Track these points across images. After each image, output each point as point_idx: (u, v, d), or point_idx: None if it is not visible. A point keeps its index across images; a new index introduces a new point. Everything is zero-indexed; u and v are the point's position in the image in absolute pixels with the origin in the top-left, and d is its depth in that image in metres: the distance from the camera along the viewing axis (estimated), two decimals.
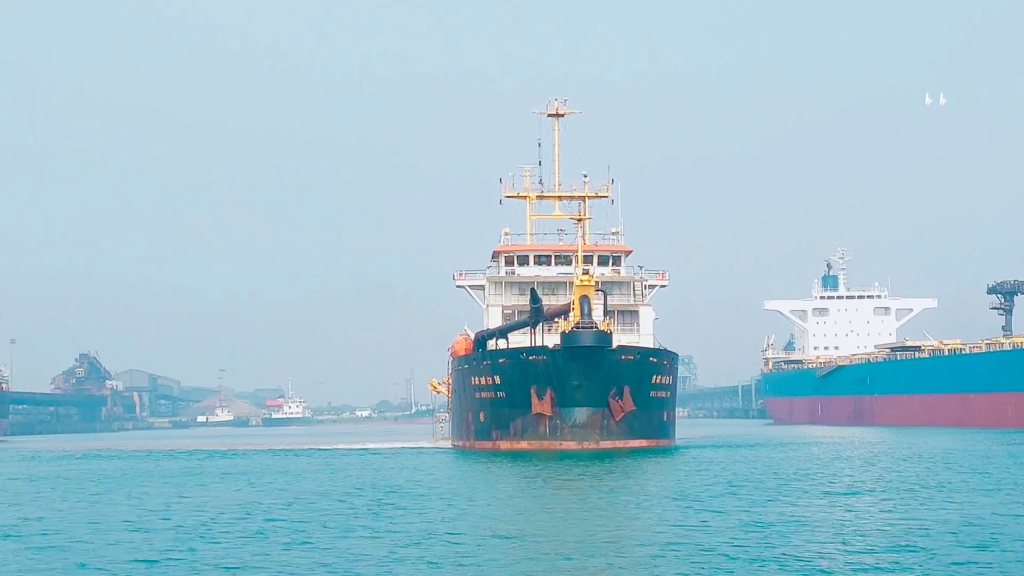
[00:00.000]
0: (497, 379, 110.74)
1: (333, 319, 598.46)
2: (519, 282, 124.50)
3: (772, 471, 78.37)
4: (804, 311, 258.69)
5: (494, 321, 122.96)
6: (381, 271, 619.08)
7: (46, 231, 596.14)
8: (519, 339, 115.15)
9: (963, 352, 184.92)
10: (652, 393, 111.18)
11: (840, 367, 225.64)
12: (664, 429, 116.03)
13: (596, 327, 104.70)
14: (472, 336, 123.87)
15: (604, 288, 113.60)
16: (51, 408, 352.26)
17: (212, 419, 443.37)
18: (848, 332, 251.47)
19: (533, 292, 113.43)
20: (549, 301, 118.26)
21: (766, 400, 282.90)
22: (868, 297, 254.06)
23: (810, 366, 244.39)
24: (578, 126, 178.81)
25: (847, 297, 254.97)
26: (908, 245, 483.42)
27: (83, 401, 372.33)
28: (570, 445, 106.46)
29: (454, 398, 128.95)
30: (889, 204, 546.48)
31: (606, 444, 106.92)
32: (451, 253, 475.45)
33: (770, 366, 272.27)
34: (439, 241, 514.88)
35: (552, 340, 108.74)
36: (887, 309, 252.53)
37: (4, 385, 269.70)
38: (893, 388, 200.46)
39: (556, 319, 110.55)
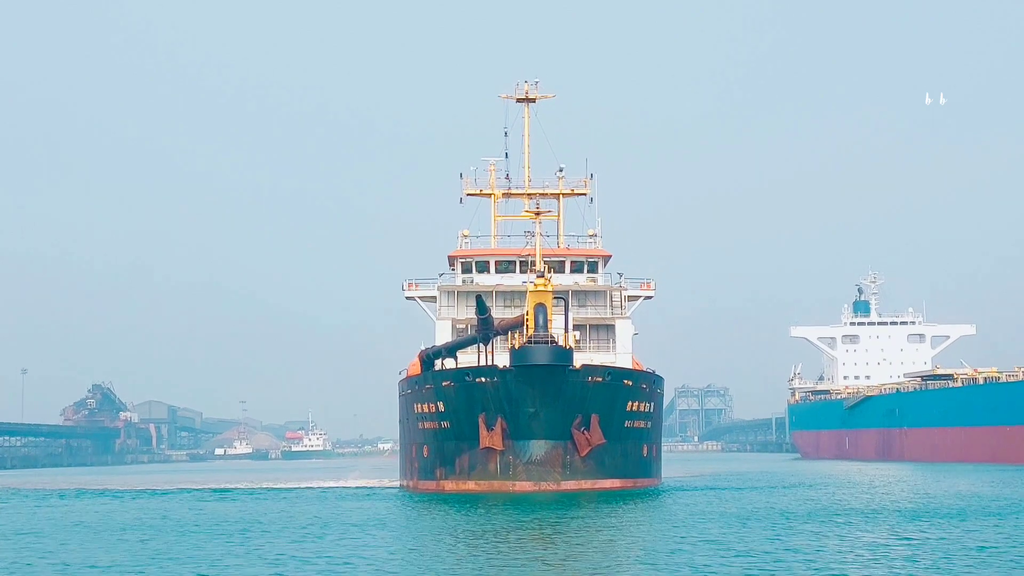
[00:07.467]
0: (440, 406, 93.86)
1: (365, 347, 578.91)
2: (475, 291, 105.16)
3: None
4: (833, 338, 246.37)
5: (443, 337, 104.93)
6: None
7: (62, 261, 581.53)
8: (471, 358, 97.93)
9: (999, 381, 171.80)
10: (627, 423, 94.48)
11: (868, 398, 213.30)
12: (643, 466, 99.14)
13: (554, 341, 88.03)
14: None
15: (567, 296, 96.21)
16: (62, 441, 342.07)
17: (230, 452, 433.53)
18: (880, 361, 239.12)
19: (480, 301, 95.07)
20: (510, 313, 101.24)
21: (793, 433, 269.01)
22: (901, 323, 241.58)
23: (838, 397, 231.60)
24: (552, 113, 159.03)
25: (879, 323, 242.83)
26: (944, 267, 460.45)
27: (96, 433, 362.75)
28: (525, 486, 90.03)
29: (400, 429, 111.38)
30: (924, 223, 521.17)
31: (569, 485, 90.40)
32: (411, 261, 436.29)
33: (797, 397, 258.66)
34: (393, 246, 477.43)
35: (505, 359, 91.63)
36: (922, 336, 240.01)
37: None
38: (923, 420, 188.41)
39: (511, 333, 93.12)
